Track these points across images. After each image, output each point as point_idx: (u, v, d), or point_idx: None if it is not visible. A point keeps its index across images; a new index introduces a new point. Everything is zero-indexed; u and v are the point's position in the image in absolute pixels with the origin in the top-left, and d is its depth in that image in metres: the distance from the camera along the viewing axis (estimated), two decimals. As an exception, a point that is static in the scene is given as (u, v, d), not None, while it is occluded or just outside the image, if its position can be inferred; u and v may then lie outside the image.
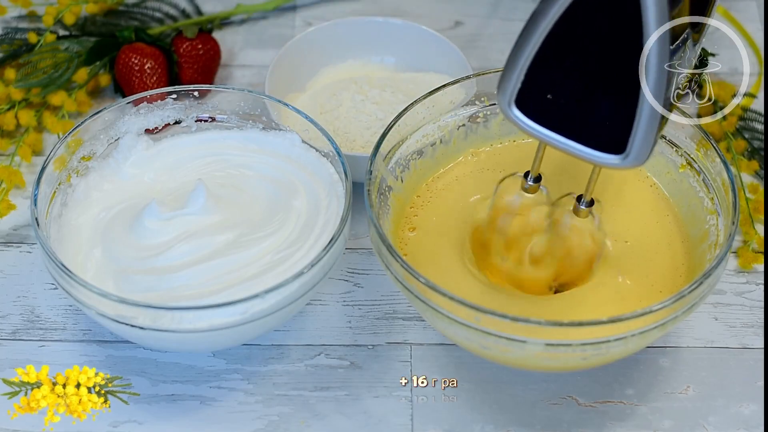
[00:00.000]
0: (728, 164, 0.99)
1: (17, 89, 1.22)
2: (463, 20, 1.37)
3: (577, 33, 0.84)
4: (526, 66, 0.86)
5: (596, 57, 0.84)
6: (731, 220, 0.96)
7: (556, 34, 0.84)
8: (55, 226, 1.04)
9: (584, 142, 0.87)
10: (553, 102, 0.87)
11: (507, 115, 0.89)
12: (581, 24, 0.83)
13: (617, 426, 1.01)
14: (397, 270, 0.95)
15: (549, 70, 0.86)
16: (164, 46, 1.26)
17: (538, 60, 0.85)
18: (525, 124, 0.88)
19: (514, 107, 0.88)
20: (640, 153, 0.85)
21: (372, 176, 1.00)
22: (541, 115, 0.88)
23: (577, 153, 0.87)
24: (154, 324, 0.96)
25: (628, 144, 0.85)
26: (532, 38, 0.84)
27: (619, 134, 0.85)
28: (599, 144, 0.87)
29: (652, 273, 1.00)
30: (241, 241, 1.02)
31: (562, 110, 0.87)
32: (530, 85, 0.87)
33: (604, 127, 0.86)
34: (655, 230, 1.04)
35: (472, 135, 1.10)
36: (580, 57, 0.85)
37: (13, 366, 1.04)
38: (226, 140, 1.12)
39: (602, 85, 0.85)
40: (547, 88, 0.87)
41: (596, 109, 0.86)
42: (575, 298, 0.99)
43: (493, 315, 0.91)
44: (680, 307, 0.92)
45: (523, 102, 0.88)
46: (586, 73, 0.85)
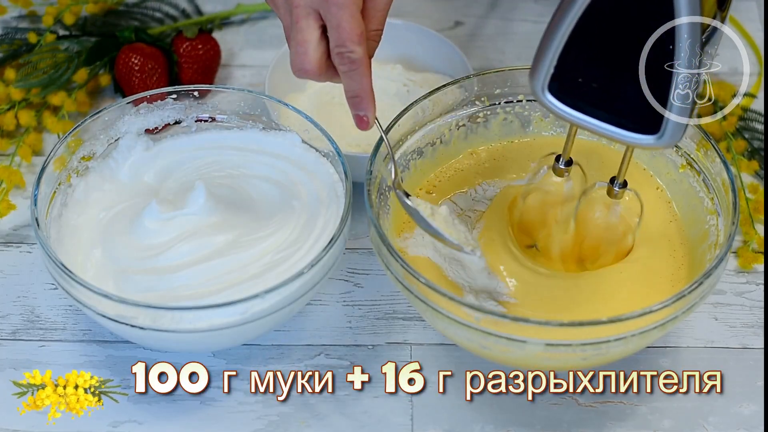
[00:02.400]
0: (728, 164, 0.99)
1: (17, 89, 1.22)
2: (463, 20, 1.37)
3: (608, 17, 0.84)
4: (558, 51, 0.86)
5: (628, 40, 0.85)
6: (731, 220, 0.96)
7: (587, 19, 0.84)
8: (55, 226, 1.04)
9: (619, 125, 0.88)
10: (586, 86, 0.88)
11: (541, 101, 0.89)
12: (612, 7, 0.84)
13: (617, 426, 1.01)
14: (397, 270, 0.95)
15: (581, 55, 0.87)
16: (164, 46, 1.26)
17: (569, 45, 0.86)
18: (560, 109, 0.89)
19: (548, 93, 0.89)
20: (675, 132, 0.86)
21: (372, 176, 1.00)
22: (575, 99, 0.88)
23: (613, 135, 0.88)
24: (154, 324, 0.96)
25: (662, 124, 0.86)
26: (563, 24, 0.85)
27: (653, 115, 0.86)
28: (634, 125, 0.87)
29: (651, 272, 1.00)
30: (241, 241, 1.02)
31: (595, 94, 0.88)
32: (563, 71, 0.87)
33: (638, 108, 0.86)
34: (656, 230, 1.04)
35: (471, 135, 1.10)
36: (611, 41, 0.86)
37: (13, 366, 1.04)
38: (226, 140, 1.12)
39: (634, 67, 0.85)
40: (580, 72, 0.87)
41: (629, 92, 0.86)
42: (600, 277, 1.00)
43: (492, 315, 0.91)
44: (680, 307, 0.92)
45: (556, 87, 0.88)
46: (618, 56, 0.86)
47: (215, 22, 1.34)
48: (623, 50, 0.85)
